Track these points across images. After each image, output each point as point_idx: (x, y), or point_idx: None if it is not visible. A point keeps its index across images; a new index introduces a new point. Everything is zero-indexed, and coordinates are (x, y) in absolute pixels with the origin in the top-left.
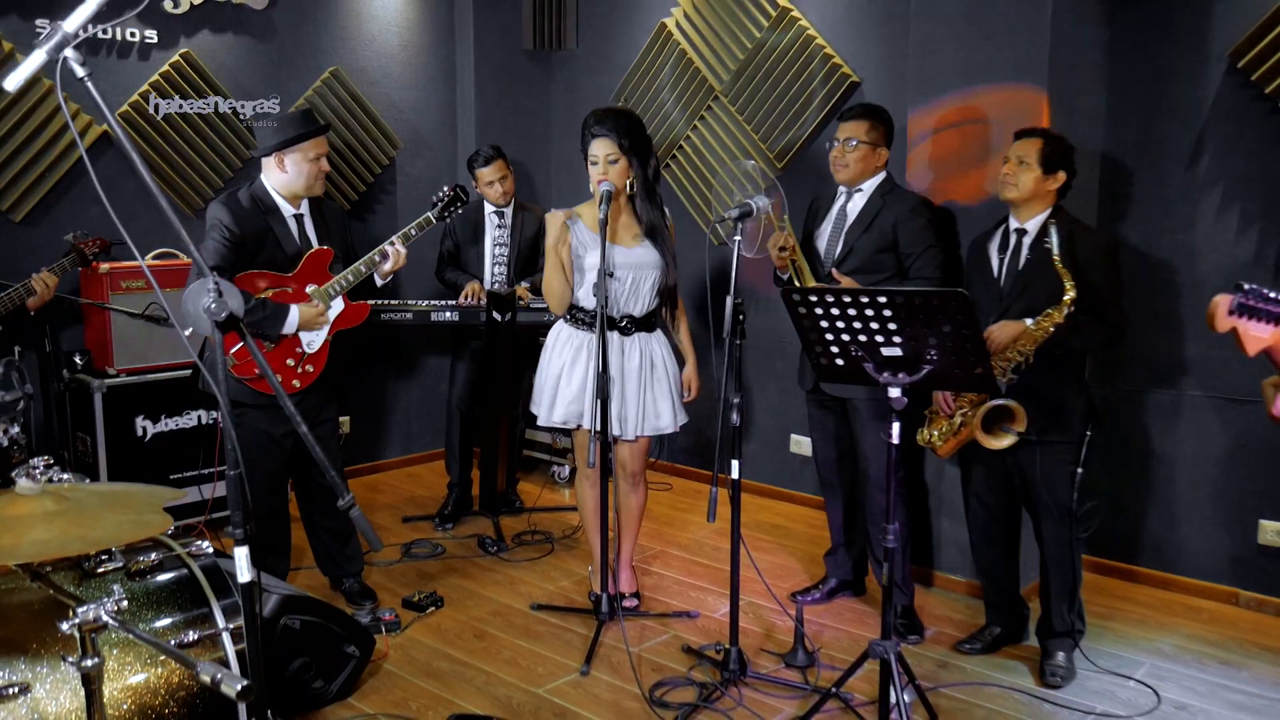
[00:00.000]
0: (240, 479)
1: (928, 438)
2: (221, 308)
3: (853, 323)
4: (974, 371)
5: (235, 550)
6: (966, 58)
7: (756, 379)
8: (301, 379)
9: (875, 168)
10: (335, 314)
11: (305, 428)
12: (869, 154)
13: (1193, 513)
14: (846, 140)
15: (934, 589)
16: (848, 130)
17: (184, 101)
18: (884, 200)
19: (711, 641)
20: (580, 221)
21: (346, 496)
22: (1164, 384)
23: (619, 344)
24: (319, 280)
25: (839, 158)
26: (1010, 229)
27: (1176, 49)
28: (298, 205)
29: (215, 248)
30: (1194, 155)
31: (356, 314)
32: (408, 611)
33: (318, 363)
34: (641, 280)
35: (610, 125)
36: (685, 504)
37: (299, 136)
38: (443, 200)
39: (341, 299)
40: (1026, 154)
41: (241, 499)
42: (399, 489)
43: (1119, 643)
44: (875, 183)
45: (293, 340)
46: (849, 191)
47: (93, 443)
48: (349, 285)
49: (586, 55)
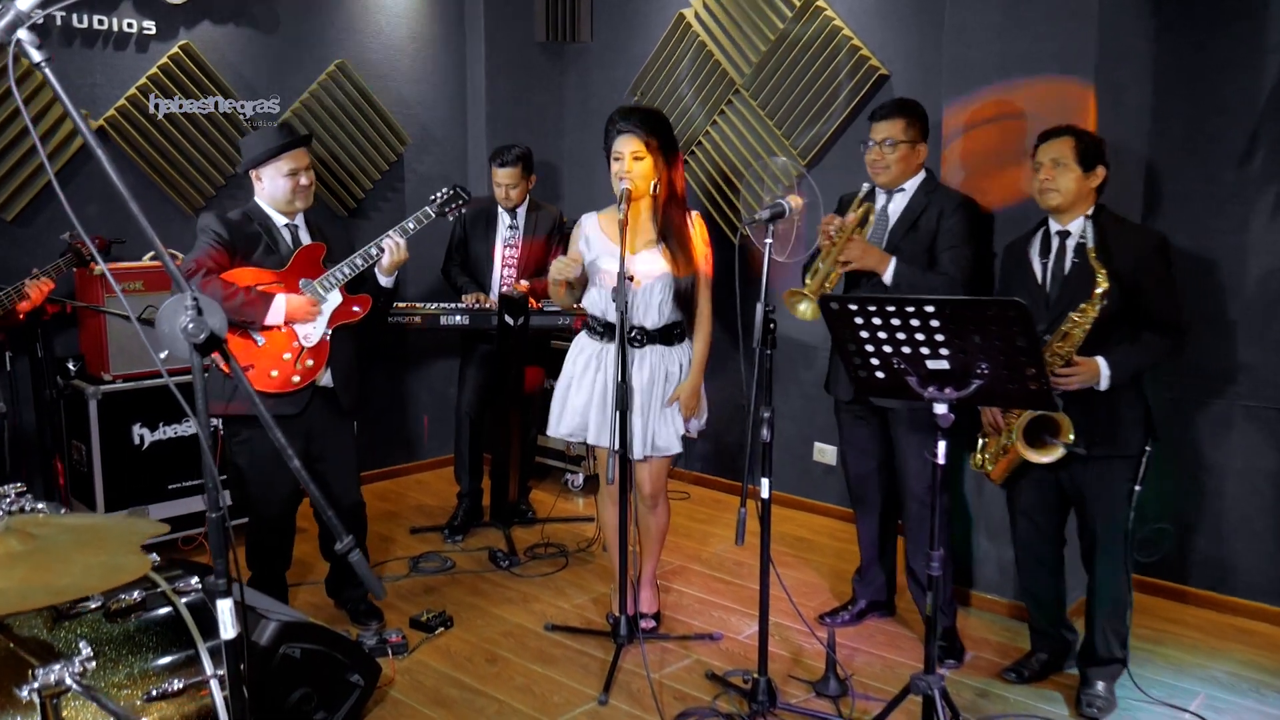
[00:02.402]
0: (223, 521)
1: (980, 462)
2: (200, 328)
3: (896, 333)
4: (1029, 387)
5: (218, 604)
6: (1004, 48)
7: (778, 384)
8: (303, 374)
9: (916, 166)
10: (332, 307)
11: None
12: (908, 153)
13: (1244, 529)
14: (884, 141)
15: (971, 609)
16: (884, 130)
17: (185, 101)
18: (928, 199)
19: (736, 666)
20: (596, 224)
21: (345, 540)
22: (1214, 392)
23: (630, 356)
24: (312, 274)
25: (877, 160)
26: (1052, 232)
27: (1228, 40)
28: (292, 218)
29: (204, 249)
30: (1247, 153)
31: (359, 306)
32: (415, 632)
33: (318, 357)
34: (650, 289)
35: (637, 121)
36: (705, 515)
37: (268, 153)
38: (441, 198)
39: (339, 292)
40: (1061, 154)
41: (225, 544)
42: (407, 497)
43: (1169, 669)
44: (917, 181)
45: (289, 334)
46: (889, 192)
47: (88, 451)
48: (345, 278)
49: (601, 48)
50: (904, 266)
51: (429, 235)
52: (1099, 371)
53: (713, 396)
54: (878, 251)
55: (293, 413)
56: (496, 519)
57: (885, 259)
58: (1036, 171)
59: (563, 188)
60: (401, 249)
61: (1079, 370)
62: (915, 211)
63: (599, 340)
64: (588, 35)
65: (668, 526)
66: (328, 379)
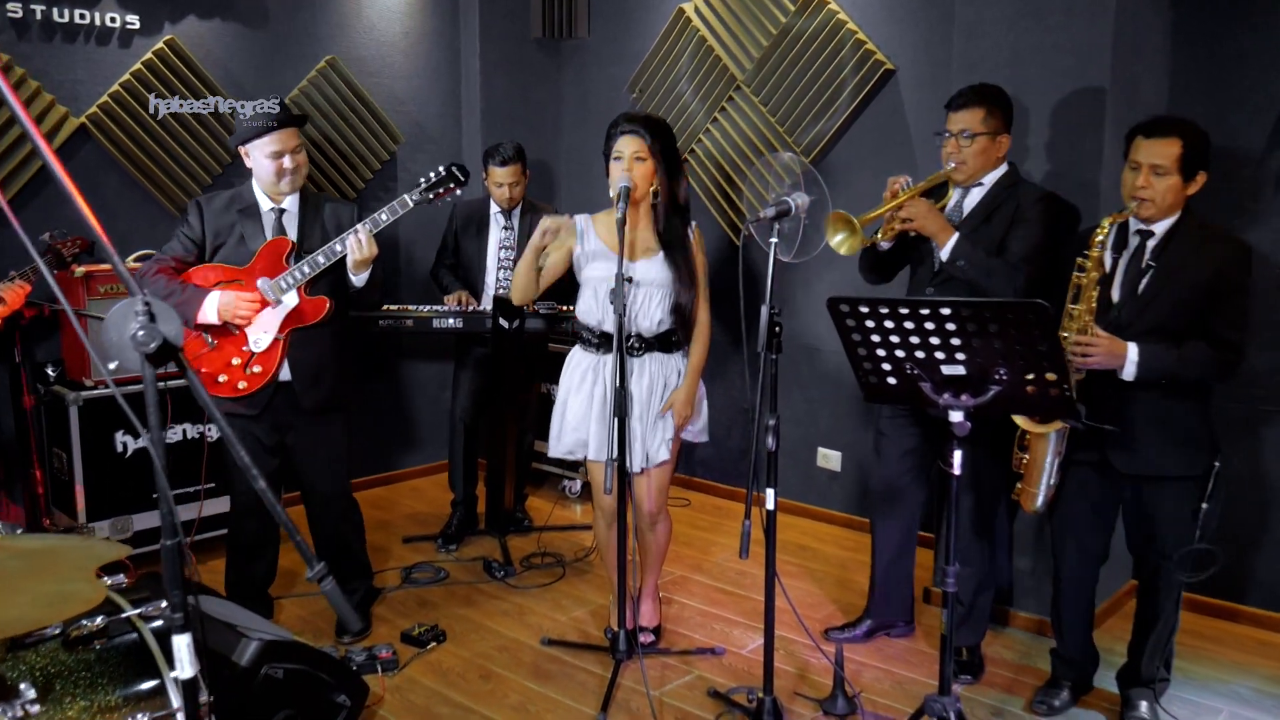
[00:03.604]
0: (179, 549)
1: (1019, 491)
2: (151, 336)
3: (909, 336)
4: (1049, 393)
5: (175, 640)
6: (1017, 40)
7: (781, 387)
8: (249, 380)
9: (996, 159)
10: (287, 309)
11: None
12: (989, 145)
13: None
14: (961, 133)
15: (990, 623)
16: (961, 121)
17: (184, 102)
18: (1007, 194)
19: (740, 683)
20: (591, 227)
21: (316, 567)
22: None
23: (628, 365)
24: (272, 273)
25: (954, 154)
26: (1131, 229)
27: (1249, 32)
28: (280, 201)
29: (172, 243)
30: (1268, 150)
31: (313, 310)
32: (407, 647)
33: (267, 363)
34: (650, 297)
35: (641, 124)
36: (706, 522)
37: (252, 131)
38: (431, 181)
39: (297, 293)
40: (1164, 160)
41: (180, 575)
42: (401, 505)
43: (1191, 686)
44: (996, 175)
45: (239, 338)
46: (965, 188)
47: (69, 460)
48: (304, 278)
49: (599, 44)
50: (966, 243)
51: (422, 237)
52: (1124, 355)
53: (714, 400)
54: (942, 219)
55: (251, 413)
56: (492, 527)
57: (948, 229)
58: (1133, 173)
59: (560, 188)
60: (364, 246)
61: (1098, 343)
62: (991, 206)
63: (595, 352)
64: (585, 31)
65: (669, 541)
66: (287, 374)
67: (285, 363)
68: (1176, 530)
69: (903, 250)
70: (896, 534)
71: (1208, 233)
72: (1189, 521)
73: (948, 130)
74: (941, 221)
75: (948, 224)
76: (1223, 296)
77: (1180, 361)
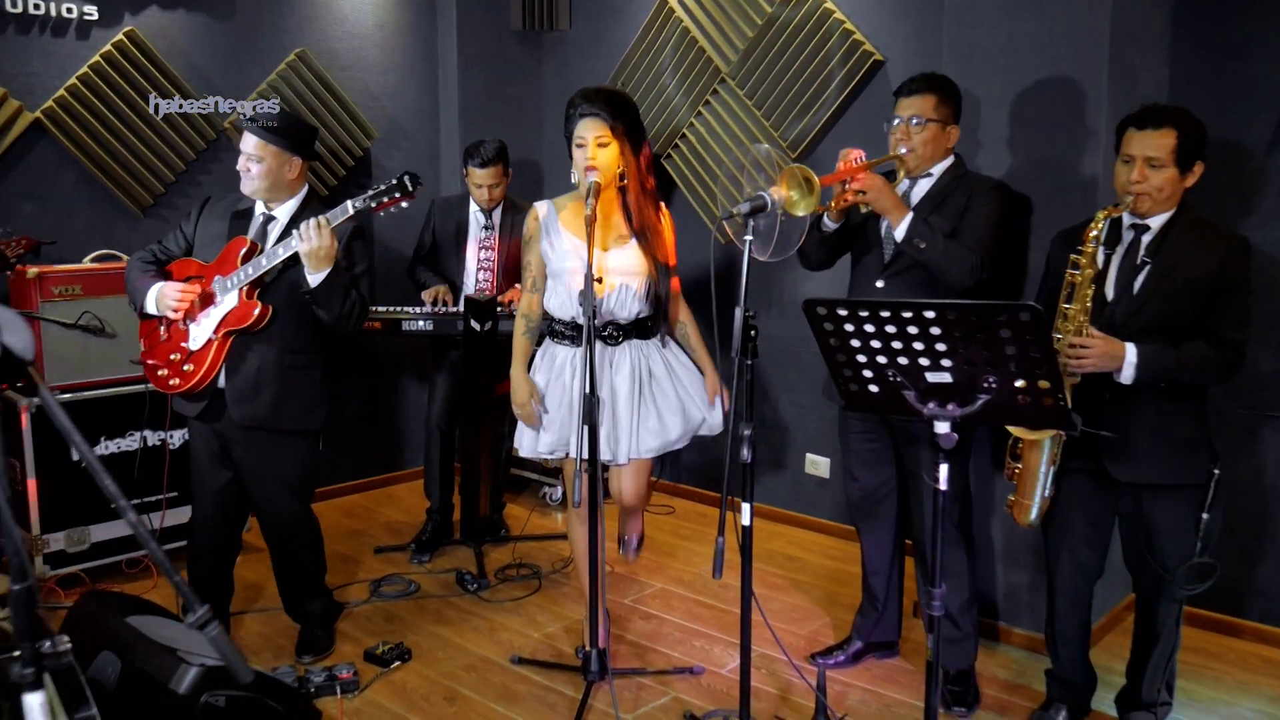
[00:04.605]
0: (29, 593)
1: (1012, 503)
2: None
3: (891, 341)
4: (1043, 402)
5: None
6: (1012, 29)
7: (766, 390)
8: (182, 378)
9: (945, 150)
10: (224, 310)
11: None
12: (938, 133)
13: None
14: (911, 119)
15: (981, 639)
16: (912, 107)
17: (184, 102)
18: (957, 183)
19: (718, 706)
20: (557, 218)
21: (198, 611)
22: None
23: (605, 356)
24: (227, 271)
25: (903, 139)
26: (1125, 224)
27: (1254, 18)
28: (271, 207)
29: (169, 235)
30: (1274, 141)
31: (243, 313)
32: (370, 666)
33: (199, 363)
34: (625, 287)
35: (601, 104)
36: (689, 531)
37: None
38: (377, 190)
39: (238, 294)
40: (1159, 152)
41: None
42: (378, 514)
43: (1193, 707)
44: (944, 166)
45: (182, 333)
46: (913, 179)
47: (21, 469)
48: (247, 279)
49: (580, 37)
50: (923, 223)
51: (399, 237)
52: (1122, 356)
53: None
54: (896, 196)
55: (190, 415)
56: (467, 536)
57: (903, 208)
58: (1126, 167)
59: (543, 185)
60: (313, 235)
61: (1094, 346)
62: (940, 196)
63: (570, 345)
64: (566, 23)
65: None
66: (224, 381)
67: (223, 369)
68: (1177, 541)
69: (846, 236)
70: (882, 547)
71: (1206, 227)
72: (1190, 532)
73: (898, 116)
74: (896, 199)
75: (902, 202)
76: (1223, 294)
77: (1180, 363)
